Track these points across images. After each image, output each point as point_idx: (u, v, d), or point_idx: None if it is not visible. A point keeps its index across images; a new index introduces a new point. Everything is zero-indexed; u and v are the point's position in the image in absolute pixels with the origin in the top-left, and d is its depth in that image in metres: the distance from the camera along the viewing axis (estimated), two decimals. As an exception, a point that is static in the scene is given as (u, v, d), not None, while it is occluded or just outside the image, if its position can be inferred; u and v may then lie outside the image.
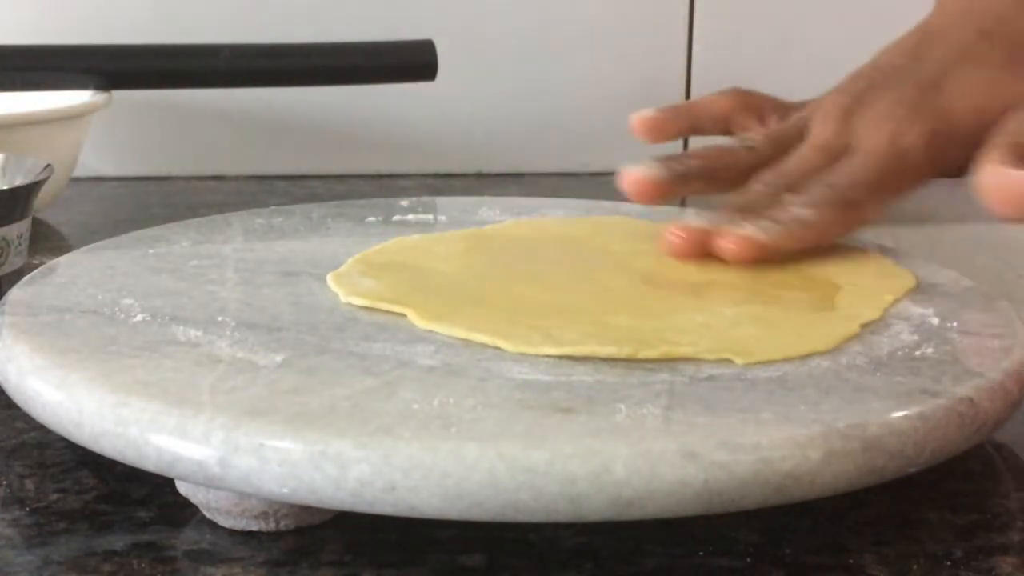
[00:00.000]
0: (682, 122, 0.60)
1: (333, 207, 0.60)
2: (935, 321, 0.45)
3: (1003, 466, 0.42)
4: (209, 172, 0.87)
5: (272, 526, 0.37)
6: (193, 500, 0.37)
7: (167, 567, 0.35)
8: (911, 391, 0.38)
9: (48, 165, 0.55)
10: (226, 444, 0.34)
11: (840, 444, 0.35)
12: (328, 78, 0.80)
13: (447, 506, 0.33)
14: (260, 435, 0.34)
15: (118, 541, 0.36)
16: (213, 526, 0.37)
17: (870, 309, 0.45)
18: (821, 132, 0.55)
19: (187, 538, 0.37)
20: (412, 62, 0.78)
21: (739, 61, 0.58)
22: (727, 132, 0.60)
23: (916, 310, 0.46)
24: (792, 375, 0.39)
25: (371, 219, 0.58)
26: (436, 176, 0.88)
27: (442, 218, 0.60)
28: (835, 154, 0.54)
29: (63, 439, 0.39)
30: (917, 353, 0.42)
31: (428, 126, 0.89)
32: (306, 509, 0.36)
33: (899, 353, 0.42)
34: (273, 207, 0.60)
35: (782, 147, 0.56)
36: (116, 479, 0.40)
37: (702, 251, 0.50)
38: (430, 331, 0.42)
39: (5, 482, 0.40)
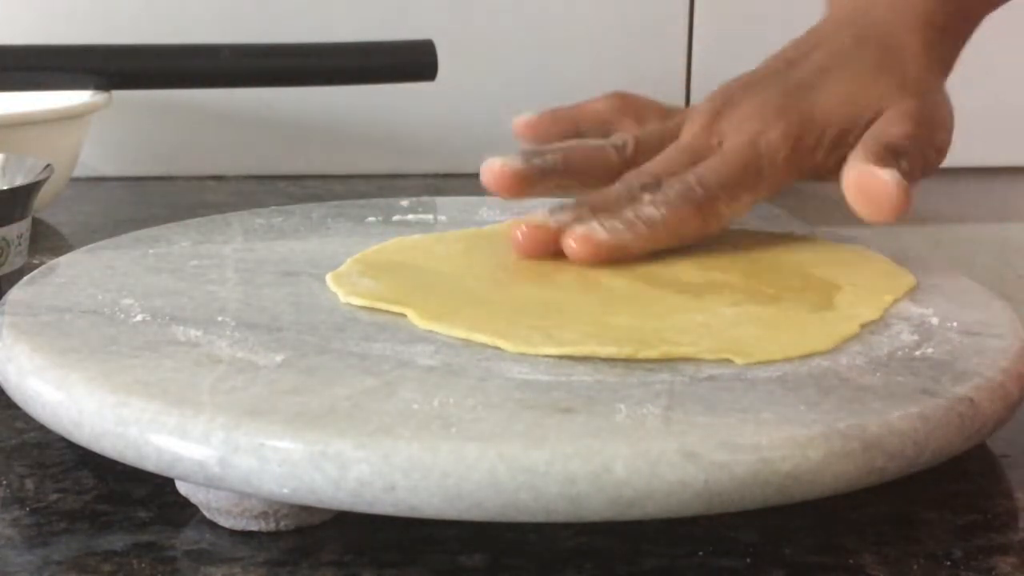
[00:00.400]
0: (563, 125, 0.58)
1: (333, 207, 0.60)
2: (935, 321, 0.45)
3: (1003, 466, 0.42)
4: (209, 172, 0.87)
5: (272, 526, 0.37)
6: (193, 500, 0.37)
7: (167, 567, 0.35)
8: (911, 391, 0.38)
9: (48, 165, 0.55)
10: (226, 444, 0.34)
11: (840, 444, 0.35)
12: (328, 78, 0.80)
13: (447, 506, 0.33)
14: (260, 435, 0.34)
15: (118, 541, 0.36)
16: (213, 526, 0.37)
17: (870, 309, 0.45)
18: (687, 133, 0.55)
19: (187, 538, 0.37)
20: (412, 62, 0.78)
21: (739, 61, 0.57)
22: (608, 135, 0.58)
23: (916, 310, 0.46)
24: (792, 375, 0.39)
25: (371, 219, 0.58)
26: (436, 176, 0.88)
27: (442, 218, 0.60)
28: (699, 155, 0.53)
29: (63, 439, 0.39)
30: (917, 353, 0.42)
31: (428, 126, 0.89)
32: (306, 509, 0.36)
33: (899, 353, 0.42)
34: (273, 207, 0.60)
35: (652, 148, 0.55)
36: (116, 479, 0.40)
37: (547, 249, 0.49)
38: (430, 331, 0.42)
39: (5, 482, 0.40)
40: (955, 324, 0.44)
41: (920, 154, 0.52)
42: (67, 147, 0.73)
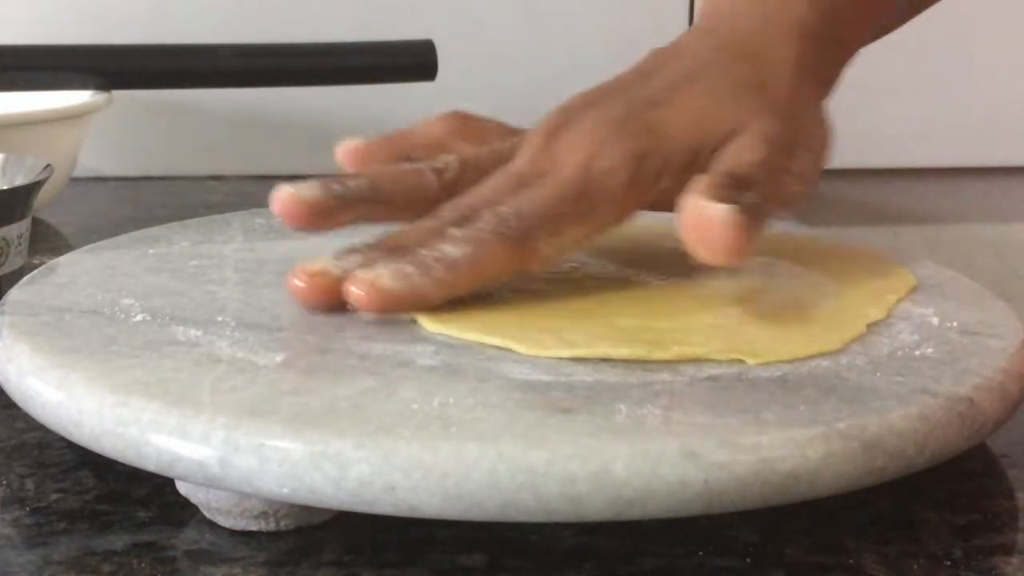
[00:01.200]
0: (391, 151, 0.51)
1: (333, 207, 0.60)
2: (935, 321, 0.45)
3: (1003, 466, 0.42)
4: (209, 172, 0.87)
5: (272, 526, 0.37)
6: (193, 500, 0.37)
7: (167, 567, 0.35)
8: (911, 391, 0.38)
9: (48, 165, 0.55)
10: (226, 444, 0.34)
11: (840, 444, 0.35)
12: (328, 78, 0.80)
13: (447, 506, 0.33)
14: (260, 435, 0.34)
15: (118, 541, 0.36)
16: (213, 526, 0.37)
17: (875, 309, 0.45)
18: (519, 156, 0.47)
19: (187, 538, 0.37)
20: (412, 62, 0.78)
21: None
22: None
23: (916, 310, 0.46)
24: (792, 375, 0.39)
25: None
26: (436, 176, 0.88)
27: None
28: (527, 182, 0.46)
29: (63, 439, 0.39)
30: (917, 353, 0.42)
31: (428, 126, 0.89)
32: (306, 509, 0.36)
33: (899, 353, 0.42)
34: (273, 207, 0.60)
35: (481, 172, 0.48)
36: (116, 479, 0.40)
37: (332, 299, 0.43)
38: (430, 331, 0.42)
39: (5, 482, 0.40)
40: (955, 324, 0.44)
41: (774, 184, 0.45)
42: (67, 147, 0.73)
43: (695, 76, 0.49)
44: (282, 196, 0.46)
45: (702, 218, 0.41)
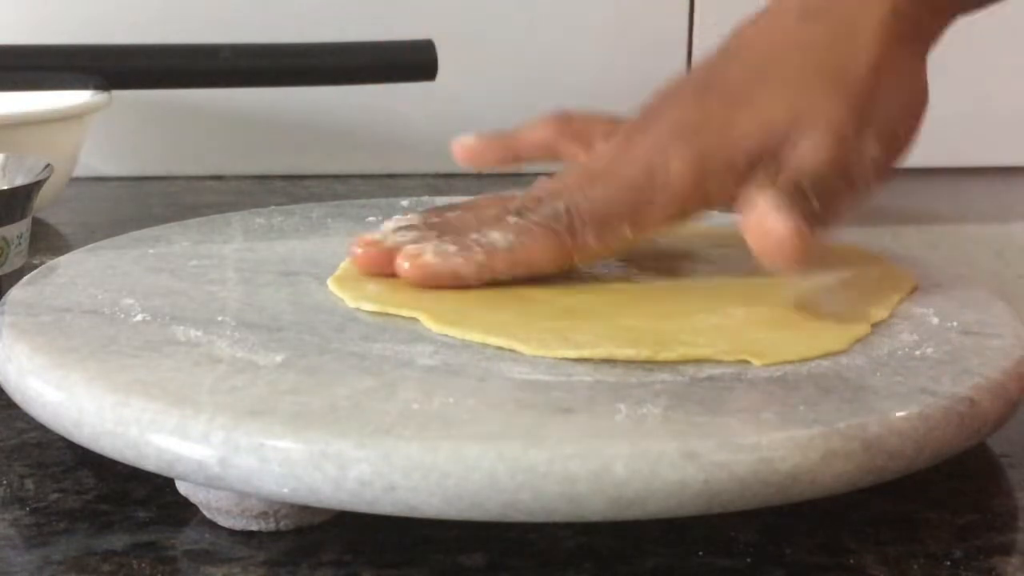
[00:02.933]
0: (503, 152, 0.54)
1: (333, 207, 0.60)
2: (935, 321, 0.45)
3: (1003, 466, 0.42)
4: (209, 172, 0.87)
5: (272, 526, 0.37)
6: (193, 500, 0.37)
7: (167, 567, 0.35)
8: (911, 391, 0.38)
9: (48, 165, 0.55)
10: (226, 444, 0.34)
11: (840, 444, 0.35)
12: (328, 78, 0.79)
13: (447, 506, 0.33)
14: (260, 435, 0.34)
15: (118, 541, 0.36)
16: (213, 526, 0.37)
17: (879, 308, 0.45)
18: (595, 154, 0.50)
19: (187, 538, 0.37)
20: (412, 62, 0.78)
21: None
22: (555, 159, 0.53)
23: (916, 310, 0.46)
24: (792, 375, 0.39)
25: (371, 219, 0.58)
26: (436, 176, 0.88)
27: (442, 218, 0.60)
28: (597, 180, 0.47)
29: (63, 439, 0.39)
30: (917, 353, 0.42)
31: (428, 126, 0.89)
32: (306, 509, 0.36)
33: (899, 353, 0.42)
34: (273, 207, 0.60)
35: None
36: (116, 479, 0.40)
37: (381, 268, 0.47)
38: (430, 331, 0.42)
39: (5, 482, 0.40)
40: (955, 324, 0.44)
41: (842, 181, 0.46)
42: (67, 147, 0.73)
43: (770, 64, 0.49)
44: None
45: (764, 226, 0.42)
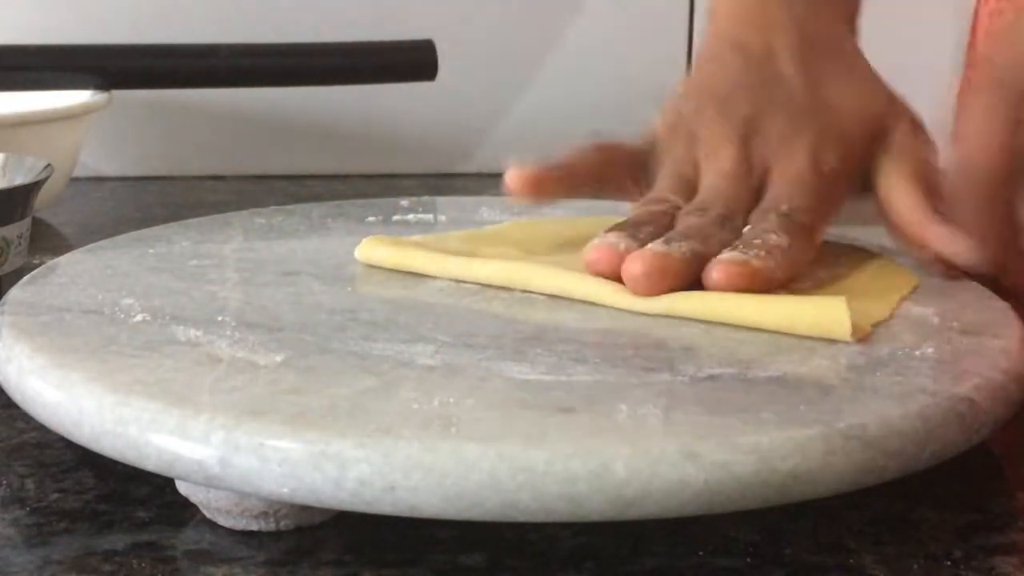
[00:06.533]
0: (565, 184, 0.53)
1: (333, 207, 0.60)
2: (935, 321, 0.45)
3: (1003, 466, 0.42)
4: (209, 172, 0.87)
5: (272, 526, 0.37)
6: (193, 500, 0.37)
7: (167, 567, 0.35)
8: (911, 391, 0.38)
9: (48, 165, 0.55)
10: (226, 444, 0.34)
11: (840, 444, 0.35)
12: (328, 78, 0.80)
13: (447, 506, 0.33)
14: (260, 435, 0.34)
15: (118, 541, 0.36)
16: (213, 526, 0.37)
17: (880, 307, 0.45)
18: (722, 162, 0.52)
19: (187, 538, 0.37)
20: (412, 62, 0.78)
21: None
22: (602, 190, 0.54)
23: (916, 310, 0.46)
24: (792, 375, 0.39)
25: (371, 219, 0.58)
26: (436, 176, 0.88)
27: (442, 218, 0.60)
28: (748, 184, 0.51)
29: (63, 439, 0.39)
30: (917, 353, 0.42)
31: (428, 126, 0.89)
32: (306, 509, 0.36)
33: (899, 353, 0.42)
34: (273, 207, 0.60)
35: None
36: (116, 479, 0.40)
37: (667, 282, 0.46)
38: (430, 331, 0.42)
39: (5, 482, 0.40)
40: (955, 324, 0.44)
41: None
42: (67, 147, 0.74)
43: (819, 60, 0.55)
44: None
45: (923, 223, 0.51)
